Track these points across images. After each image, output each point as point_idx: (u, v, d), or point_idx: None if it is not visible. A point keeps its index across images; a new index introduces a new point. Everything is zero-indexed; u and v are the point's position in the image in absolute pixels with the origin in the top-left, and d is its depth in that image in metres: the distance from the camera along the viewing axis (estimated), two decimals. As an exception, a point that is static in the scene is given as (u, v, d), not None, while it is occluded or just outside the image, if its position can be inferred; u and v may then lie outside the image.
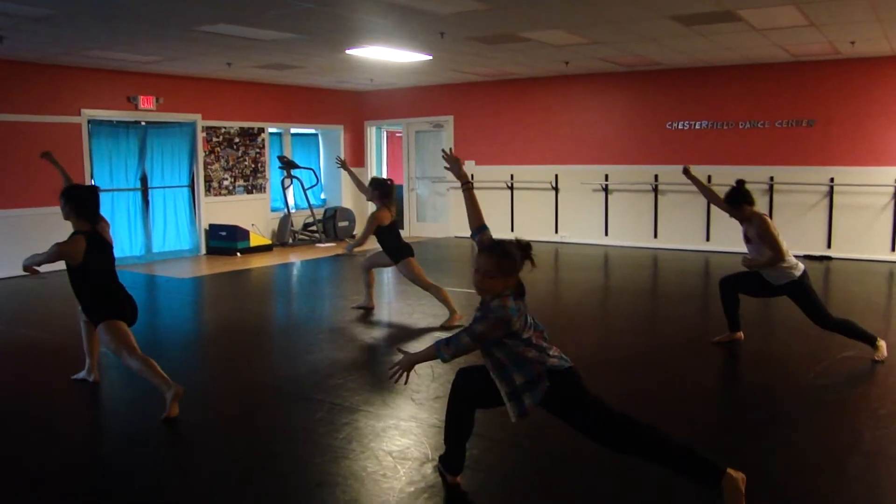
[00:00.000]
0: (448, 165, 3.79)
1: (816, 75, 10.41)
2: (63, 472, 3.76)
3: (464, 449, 3.46)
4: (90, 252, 4.57)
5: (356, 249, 7.01)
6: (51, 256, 4.53)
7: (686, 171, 6.03)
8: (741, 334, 5.97)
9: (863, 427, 4.22)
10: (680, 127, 11.44)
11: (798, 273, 5.38)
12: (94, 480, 3.76)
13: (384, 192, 6.85)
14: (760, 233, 5.37)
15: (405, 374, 3.20)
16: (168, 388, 4.38)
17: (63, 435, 4.32)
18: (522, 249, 3.17)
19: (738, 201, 5.49)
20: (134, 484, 3.68)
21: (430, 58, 9.98)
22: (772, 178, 10.82)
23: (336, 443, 4.01)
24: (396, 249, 6.83)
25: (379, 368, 5.48)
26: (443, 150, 3.92)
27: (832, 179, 10.46)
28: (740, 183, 5.59)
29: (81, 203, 4.67)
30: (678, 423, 4.36)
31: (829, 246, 10.58)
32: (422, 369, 5.38)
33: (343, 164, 7.49)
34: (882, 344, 5.41)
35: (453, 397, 3.39)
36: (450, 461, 3.46)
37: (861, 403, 4.65)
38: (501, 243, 3.20)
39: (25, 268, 4.64)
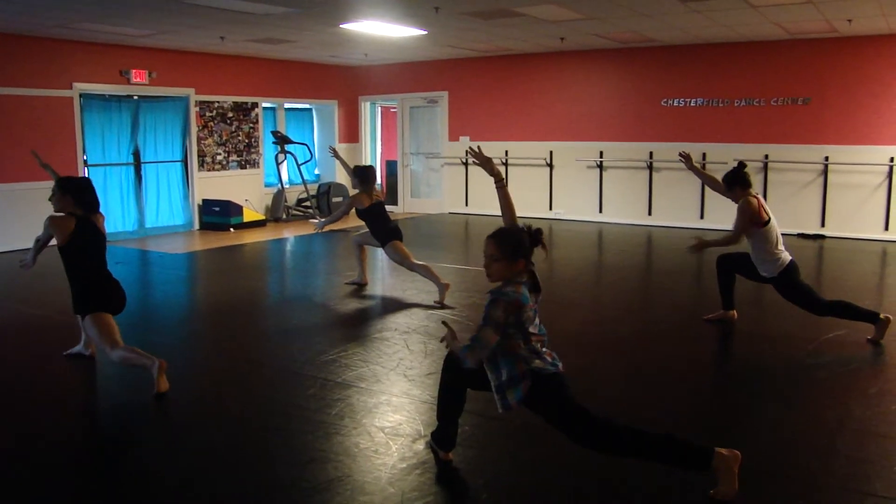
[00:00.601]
0: (478, 162, 3.72)
1: (813, 53, 10.36)
2: (54, 449, 3.76)
3: (455, 425, 3.46)
4: (77, 235, 4.55)
5: (326, 228, 7.35)
6: (45, 230, 4.54)
7: (687, 161, 6.01)
8: (734, 313, 5.98)
9: (853, 405, 4.25)
10: (675, 104, 11.39)
11: (778, 270, 5.39)
12: (85, 457, 3.77)
13: (363, 178, 7.07)
14: (740, 209, 5.37)
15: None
16: (152, 364, 4.39)
17: (55, 411, 4.32)
18: (532, 235, 3.14)
19: (732, 183, 5.51)
20: (124, 460, 3.69)
21: (425, 33, 9.90)
22: (766, 157, 10.80)
23: (328, 419, 4.02)
24: (383, 233, 6.93)
25: (371, 344, 5.48)
26: (471, 149, 3.80)
27: (827, 158, 10.44)
28: (741, 165, 5.58)
29: (79, 194, 4.66)
30: (669, 401, 4.40)
31: (822, 224, 10.59)
32: (415, 346, 5.39)
33: (335, 154, 7.79)
34: (886, 318, 5.32)
35: (445, 374, 3.39)
36: (441, 437, 3.47)
37: (852, 382, 4.67)
38: (505, 227, 3.18)
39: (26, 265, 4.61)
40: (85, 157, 10.53)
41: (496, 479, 3.37)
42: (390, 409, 4.16)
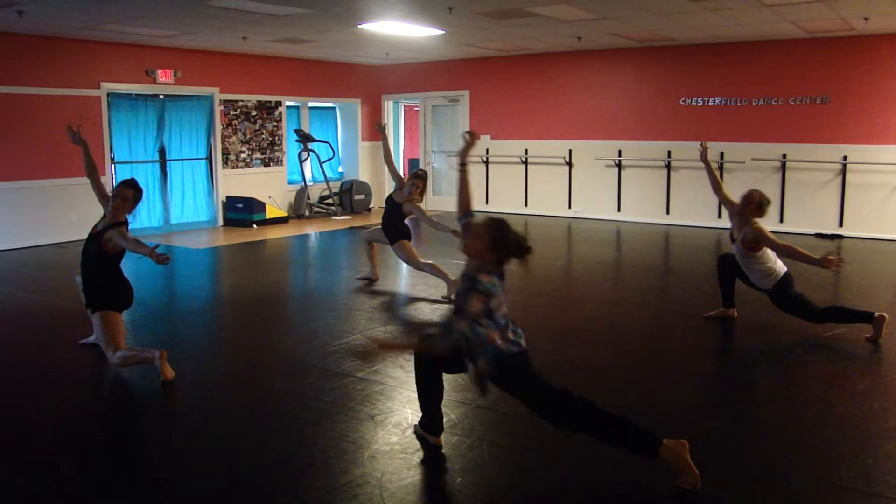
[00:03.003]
0: (467, 139, 3.69)
1: (830, 51, 10.31)
2: (63, 430, 3.98)
3: (439, 411, 3.61)
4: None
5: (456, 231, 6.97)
6: (122, 240, 4.65)
7: (703, 152, 6.13)
8: (734, 311, 6.03)
9: (837, 401, 4.32)
10: (693, 103, 11.40)
11: (773, 283, 5.47)
12: (93, 436, 3.98)
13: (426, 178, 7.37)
14: (756, 238, 5.41)
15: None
16: (153, 357, 4.60)
17: (69, 397, 4.55)
18: (521, 248, 3.29)
19: (761, 209, 5.51)
20: (128, 438, 3.90)
21: (443, 33, 10.04)
22: (784, 156, 10.77)
23: (322, 406, 4.19)
24: (396, 231, 7.04)
25: (374, 336, 5.64)
26: (468, 132, 3.74)
27: (845, 157, 10.39)
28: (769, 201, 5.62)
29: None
30: (655, 391, 4.49)
31: (840, 224, 10.54)
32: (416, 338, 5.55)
33: (382, 129, 7.50)
34: (881, 316, 5.37)
35: (417, 363, 3.55)
36: (428, 423, 3.63)
37: (841, 378, 4.73)
38: (502, 222, 3.30)
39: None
40: (112, 155, 10.84)
41: (474, 464, 3.50)
42: (382, 398, 4.32)
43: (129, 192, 4.80)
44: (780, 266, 5.52)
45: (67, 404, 4.38)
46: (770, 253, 5.49)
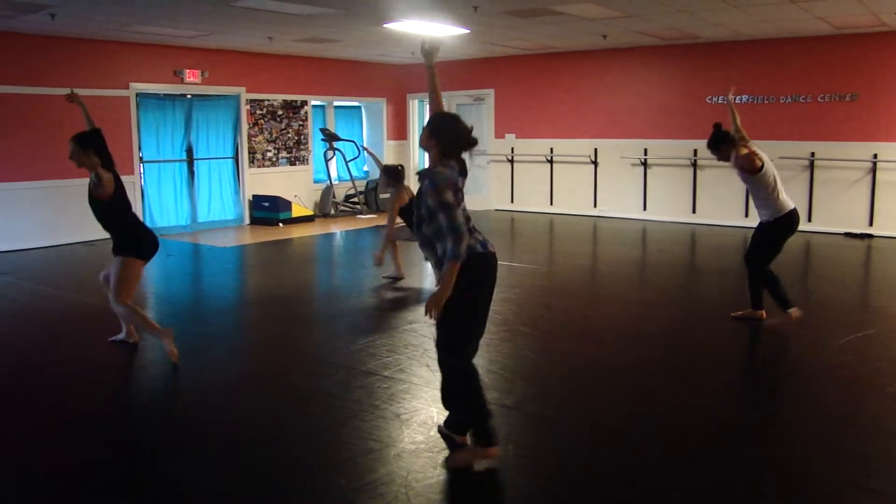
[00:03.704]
0: (434, 44, 3.78)
1: (860, 48, 10.17)
2: (81, 429, 4.05)
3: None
4: (118, 187, 4.94)
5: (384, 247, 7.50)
6: (101, 176, 4.82)
7: (728, 97, 6.24)
8: (763, 313, 5.94)
9: (867, 402, 4.28)
10: (720, 101, 11.26)
11: (775, 216, 5.51)
12: (120, 429, 4.04)
13: (398, 177, 7.42)
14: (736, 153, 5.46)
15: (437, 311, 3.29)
16: (161, 335, 4.79)
17: (87, 393, 4.62)
18: (463, 137, 3.38)
19: (717, 144, 5.62)
20: (153, 432, 3.96)
21: (468, 31, 10.04)
22: (813, 154, 10.65)
23: (347, 404, 4.22)
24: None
25: (399, 335, 5.67)
26: (426, 42, 3.81)
27: (875, 155, 10.25)
28: (717, 125, 5.68)
29: (102, 151, 5.05)
30: (685, 390, 4.47)
31: (870, 224, 10.40)
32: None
33: (368, 152, 8.10)
34: (792, 312, 5.51)
35: (454, 361, 3.41)
36: (456, 424, 3.58)
37: (870, 380, 4.67)
38: (448, 116, 3.48)
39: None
40: (140, 154, 10.98)
41: (500, 464, 3.50)
42: (408, 397, 4.34)
43: (72, 146, 4.98)
44: (785, 202, 5.54)
45: (87, 402, 4.44)
46: (770, 177, 5.48)
